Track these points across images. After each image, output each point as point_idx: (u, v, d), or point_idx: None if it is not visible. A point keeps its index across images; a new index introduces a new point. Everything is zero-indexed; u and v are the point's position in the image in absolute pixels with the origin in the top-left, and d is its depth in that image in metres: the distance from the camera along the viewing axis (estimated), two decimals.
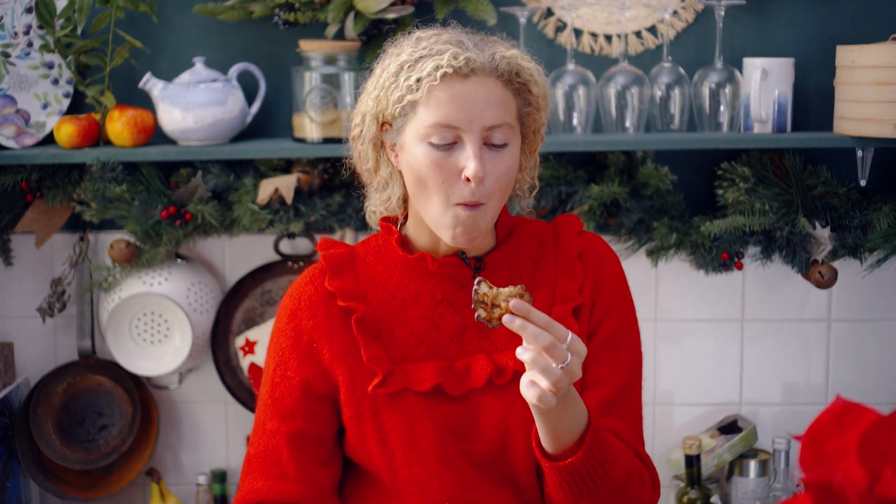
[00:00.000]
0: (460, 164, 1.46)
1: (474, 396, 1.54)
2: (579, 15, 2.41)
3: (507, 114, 1.48)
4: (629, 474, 1.51)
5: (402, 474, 1.55)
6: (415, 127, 1.48)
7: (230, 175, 2.38)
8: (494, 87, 1.46)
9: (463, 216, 1.47)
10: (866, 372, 2.52)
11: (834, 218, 2.34)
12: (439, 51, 1.46)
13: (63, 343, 2.58)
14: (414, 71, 1.46)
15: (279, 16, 2.32)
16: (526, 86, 1.50)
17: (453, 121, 1.45)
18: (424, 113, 1.46)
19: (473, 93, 1.45)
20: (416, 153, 1.48)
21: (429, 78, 1.44)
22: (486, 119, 1.45)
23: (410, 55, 1.48)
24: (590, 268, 1.61)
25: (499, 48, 1.49)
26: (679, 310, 2.52)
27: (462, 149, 1.46)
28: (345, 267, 1.60)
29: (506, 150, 1.48)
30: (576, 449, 1.43)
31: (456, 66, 1.44)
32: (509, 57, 1.48)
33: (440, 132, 1.46)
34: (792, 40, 2.39)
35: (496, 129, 1.47)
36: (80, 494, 2.51)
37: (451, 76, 1.44)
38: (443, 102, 1.45)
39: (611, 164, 2.39)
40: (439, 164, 1.47)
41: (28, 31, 2.36)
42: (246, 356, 2.49)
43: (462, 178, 1.46)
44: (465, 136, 1.46)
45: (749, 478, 2.42)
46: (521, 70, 1.48)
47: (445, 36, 1.49)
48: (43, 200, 2.44)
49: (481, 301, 1.37)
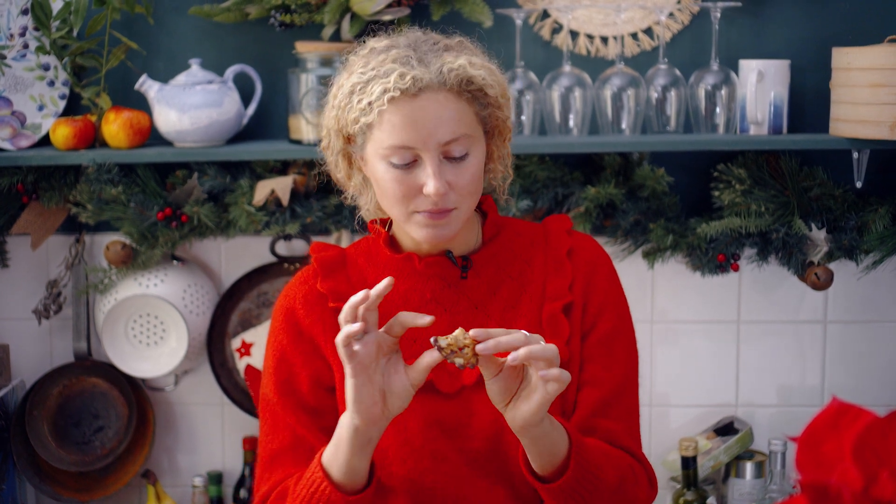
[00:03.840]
0: (420, 180, 1.47)
1: (467, 394, 1.55)
2: (575, 17, 2.41)
3: (463, 124, 1.47)
4: (622, 477, 1.52)
5: (397, 471, 1.55)
6: (373, 146, 1.49)
7: (226, 177, 2.38)
8: (446, 101, 1.45)
9: (428, 221, 1.49)
10: (862, 373, 2.52)
11: (830, 220, 2.35)
12: (386, 71, 1.44)
13: (59, 345, 2.57)
14: (364, 94, 1.45)
15: (275, 17, 2.32)
16: (481, 90, 1.48)
17: (408, 142, 1.45)
18: (380, 135, 1.47)
19: (425, 112, 1.44)
20: (378, 169, 1.50)
21: (378, 102, 1.44)
22: (440, 136, 1.45)
23: (361, 76, 1.46)
24: (580, 266, 1.61)
25: (447, 57, 1.46)
26: (675, 311, 2.52)
27: (422, 166, 1.47)
28: (336, 269, 1.62)
29: (467, 158, 1.48)
30: (564, 468, 1.45)
31: (403, 88, 1.43)
32: (457, 68, 1.45)
33: (397, 153, 1.46)
34: (788, 42, 2.40)
35: (453, 142, 1.46)
36: (76, 496, 2.51)
37: (400, 98, 1.43)
38: (395, 125, 1.45)
39: (607, 165, 2.39)
40: (400, 180, 1.48)
41: (24, 33, 2.35)
42: (242, 358, 2.48)
43: (422, 193, 1.48)
44: (423, 154, 1.46)
45: (745, 479, 2.42)
46: (472, 78, 1.46)
47: (394, 52, 1.46)
48: (39, 202, 2.43)
49: (451, 352, 1.37)
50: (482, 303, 1.58)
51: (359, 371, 1.39)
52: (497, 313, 1.58)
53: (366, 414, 1.41)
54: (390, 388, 1.41)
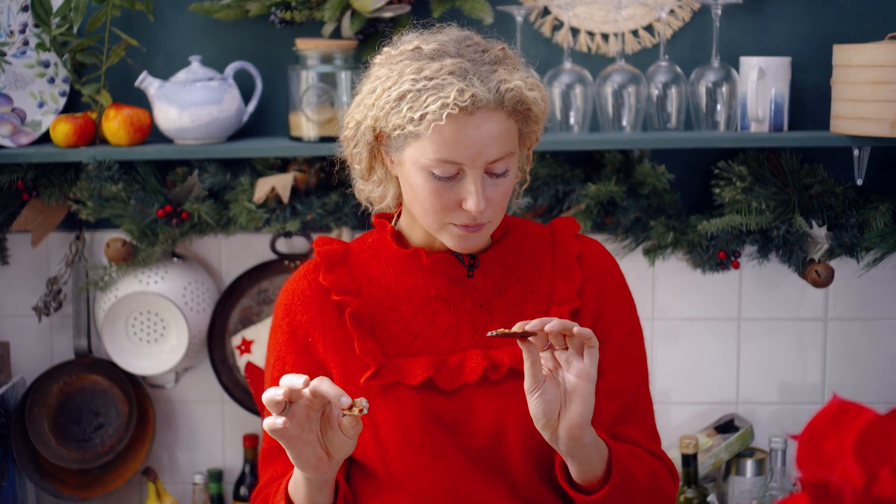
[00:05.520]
0: (461, 195, 1.47)
1: (468, 391, 1.55)
2: (576, 14, 2.41)
3: (510, 144, 1.47)
4: (653, 479, 1.55)
5: (396, 467, 1.55)
6: (415, 153, 1.46)
7: (227, 174, 2.38)
8: (499, 121, 1.44)
9: (463, 234, 1.50)
10: (863, 371, 2.52)
11: (830, 217, 2.35)
12: (443, 84, 1.41)
13: (59, 342, 2.57)
14: (417, 103, 1.42)
15: (276, 14, 2.32)
16: (530, 109, 1.48)
17: (456, 157, 1.44)
18: (427, 145, 1.44)
19: (478, 130, 1.43)
20: (415, 177, 1.48)
21: (433, 115, 1.41)
22: (489, 155, 1.45)
23: (413, 84, 1.43)
24: (590, 272, 1.62)
25: (502, 74, 1.45)
26: (676, 308, 2.52)
27: (463, 180, 1.46)
28: (339, 262, 1.62)
29: (506, 175, 1.49)
30: (605, 477, 1.47)
31: (462, 105, 1.41)
32: (514, 89, 1.44)
33: (442, 166, 1.45)
34: (788, 39, 2.40)
35: (499, 161, 1.46)
36: (77, 494, 2.51)
37: (458, 114, 1.42)
38: (447, 140, 1.43)
39: (608, 162, 2.39)
40: (439, 192, 1.47)
41: (24, 30, 2.35)
42: (242, 355, 2.48)
43: (461, 207, 1.47)
44: (468, 170, 1.45)
45: (746, 477, 2.42)
46: (526, 99, 1.46)
47: (449, 62, 1.43)
48: (39, 199, 2.43)
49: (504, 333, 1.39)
50: (487, 302, 1.58)
51: (292, 442, 1.38)
52: (502, 313, 1.58)
53: (313, 468, 1.41)
54: (330, 441, 1.40)
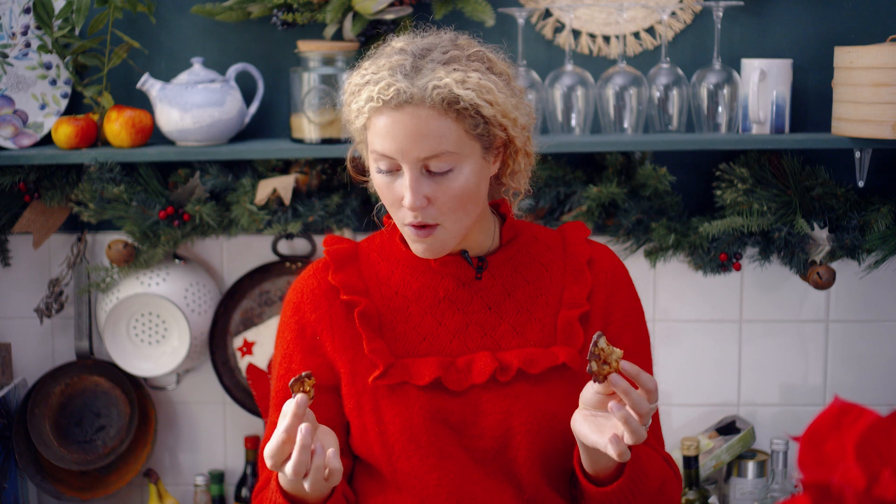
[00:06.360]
0: (401, 191, 1.49)
1: (475, 392, 1.56)
2: (577, 16, 2.41)
3: (445, 142, 1.45)
4: (662, 478, 1.56)
5: (402, 467, 1.56)
6: (367, 148, 1.52)
7: (228, 176, 2.38)
8: (428, 118, 1.44)
9: (413, 235, 1.51)
10: (864, 373, 2.52)
11: (832, 219, 2.35)
12: (377, 79, 1.45)
13: (61, 344, 2.57)
14: (357, 97, 1.48)
15: (277, 16, 2.32)
16: (473, 107, 1.45)
17: (388, 151, 1.47)
18: (370, 138, 1.49)
19: (404, 125, 1.44)
20: (372, 171, 1.53)
21: (364, 107, 1.46)
22: (418, 151, 1.45)
23: (361, 77, 1.48)
24: (601, 277, 1.62)
25: (440, 72, 1.44)
26: (677, 310, 2.52)
27: (402, 176, 1.48)
28: (348, 262, 1.62)
29: (451, 174, 1.47)
30: (619, 471, 1.48)
31: (385, 99, 1.44)
32: (442, 86, 1.42)
33: (382, 160, 1.49)
34: (790, 41, 2.40)
35: (433, 158, 1.46)
36: (78, 495, 2.51)
37: (383, 108, 1.45)
38: (379, 133, 1.47)
39: (609, 164, 2.39)
40: (387, 186, 1.50)
41: (26, 32, 2.36)
42: (244, 357, 2.48)
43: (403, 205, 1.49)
44: (403, 165, 1.47)
45: (747, 479, 2.42)
46: (459, 98, 1.43)
47: (396, 58, 1.46)
48: (41, 201, 2.43)
49: (596, 354, 1.37)
50: (496, 304, 1.59)
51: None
52: (510, 315, 1.59)
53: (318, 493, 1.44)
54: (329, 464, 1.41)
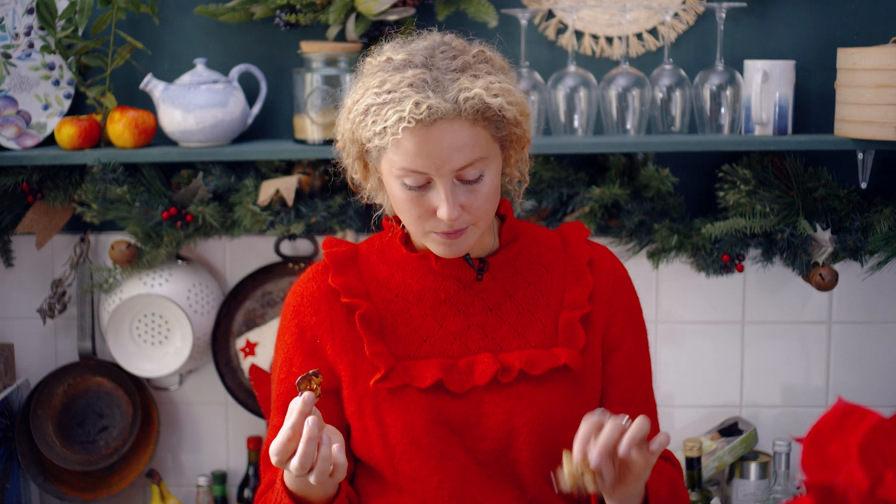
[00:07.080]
0: (434, 203, 1.48)
1: (477, 394, 1.55)
2: (580, 17, 2.41)
3: (478, 149, 1.46)
4: (672, 485, 1.56)
5: (403, 469, 1.56)
6: (388, 165, 1.49)
7: (231, 176, 2.38)
8: (461, 129, 1.44)
9: (445, 241, 1.50)
10: (867, 374, 2.52)
11: (835, 220, 2.34)
12: (401, 98, 1.42)
13: (63, 344, 2.57)
14: (379, 117, 1.44)
15: (280, 17, 2.32)
16: (498, 114, 1.46)
17: (421, 167, 1.45)
18: (394, 157, 1.46)
19: (439, 141, 1.43)
20: (392, 187, 1.50)
21: (392, 129, 1.43)
22: (454, 163, 1.45)
23: (376, 96, 1.45)
24: (602, 279, 1.63)
25: (464, 82, 1.44)
26: (680, 312, 2.52)
27: (435, 189, 1.47)
28: (348, 264, 1.62)
29: (482, 179, 1.48)
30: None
31: (418, 118, 1.41)
32: (473, 97, 1.43)
33: (410, 176, 1.47)
34: (793, 42, 2.40)
35: (468, 167, 1.46)
36: (80, 496, 2.51)
37: (415, 127, 1.42)
38: (409, 151, 1.44)
39: (612, 165, 2.39)
40: (413, 201, 1.48)
41: (29, 32, 2.36)
42: (246, 357, 2.49)
43: (436, 215, 1.48)
44: (436, 179, 1.46)
45: (750, 480, 2.42)
46: (489, 106, 1.44)
47: (411, 73, 1.44)
48: (44, 201, 2.44)
49: (578, 484, 1.37)
50: (497, 305, 1.59)
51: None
52: (511, 317, 1.58)
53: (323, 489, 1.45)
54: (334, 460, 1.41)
